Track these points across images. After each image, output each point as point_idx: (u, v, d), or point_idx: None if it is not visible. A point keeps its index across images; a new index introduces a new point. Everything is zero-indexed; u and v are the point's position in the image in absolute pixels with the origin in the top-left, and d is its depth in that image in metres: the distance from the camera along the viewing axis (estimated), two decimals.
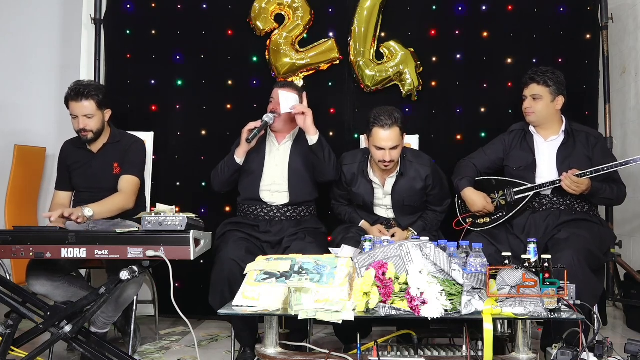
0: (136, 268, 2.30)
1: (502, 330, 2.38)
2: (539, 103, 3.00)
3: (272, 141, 3.19)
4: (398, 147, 2.92)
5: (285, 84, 3.23)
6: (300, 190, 3.10)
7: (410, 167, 3.05)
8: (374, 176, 3.09)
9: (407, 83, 3.62)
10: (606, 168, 2.80)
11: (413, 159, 3.08)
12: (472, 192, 3.04)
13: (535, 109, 3.01)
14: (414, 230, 3.04)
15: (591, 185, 2.82)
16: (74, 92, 2.92)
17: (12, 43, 4.24)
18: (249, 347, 2.82)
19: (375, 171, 3.09)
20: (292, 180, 3.09)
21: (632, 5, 3.90)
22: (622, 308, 3.67)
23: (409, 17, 3.68)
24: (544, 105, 3.00)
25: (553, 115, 3.03)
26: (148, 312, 3.62)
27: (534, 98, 3.01)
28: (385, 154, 2.90)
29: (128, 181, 2.98)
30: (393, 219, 3.11)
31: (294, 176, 3.09)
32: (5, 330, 2.37)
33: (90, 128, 2.95)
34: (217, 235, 3.00)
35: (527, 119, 3.07)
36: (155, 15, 3.77)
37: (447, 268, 2.20)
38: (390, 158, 2.91)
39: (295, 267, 2.30)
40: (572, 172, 2.83)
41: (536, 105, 3.01)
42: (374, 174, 3.09)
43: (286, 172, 3.10)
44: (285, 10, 3.69)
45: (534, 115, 3.03)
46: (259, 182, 3.10)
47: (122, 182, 2.98)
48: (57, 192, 3.10)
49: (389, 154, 2.90)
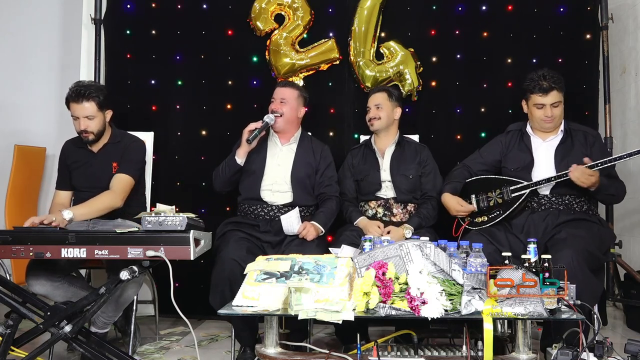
0: (136, 268, 2.30)
1: (502, 330, 2.38)
2: (558, 109, 2.97)
3: (274, 141, 3.20)
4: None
5: (287, 83, 3.26)
6: (302, 197, 3.13)
7: (409, 145, 3.30)
8: (375, 146, 3.29)
9: (407, 83, 3.62)
10: (618, 158, 2.76)
11: (411, 141, 3.35)
12: (448, 197, 3.08)
13: (555, 115, 2.96)
14: (410, 226, 3.05)
15: (599, 182, 2.80)
16: (74, 93, 2.91)
17: (12, 43, 4.24)
18: (249, 347, 2.82)
19: (376, 143, 3.30)
20: (294, 185, 3.11)
21: (632, 5, 3.90)
22: (622, 308, 3.67)
23: (409, 17, 3.69)
24: (561, 110, 2.99)
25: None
26: (148, 312, 3.63)
27: (555, 106, 2.95)
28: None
29: (120, 180, 2.96)
30: (392, 198, 3.16)
31: (296, 182, 3.12)
32: (5, 330, 2.37)
33: (91, 129, 2.95)
34: (217, 235, 2.99)
35: (545, 126, 2.99)
36: (155, 15, 3.77)
37: (447, 268, 2.20)
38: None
39: (295, 267, 2.30)
40: (585, 163, 2.79)
41: (556, 111, 2.96)
42: (375, 145, 3.30)
43: (289, 174, 3.12)
44: (285, 10, 3.70)
45: (553, 122, 2.98)
46: (260, 182, 3.11)
47: (114, 180, 2.95)
48: (57, 191, 3.10)
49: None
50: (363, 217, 3.13)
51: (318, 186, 3.18)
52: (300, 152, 3.18)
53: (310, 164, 3.17)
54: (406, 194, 3.18)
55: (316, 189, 3.18)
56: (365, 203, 3.22)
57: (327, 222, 3.07)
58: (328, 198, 3.15)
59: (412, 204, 3.19)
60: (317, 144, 3.28)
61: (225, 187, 3.16)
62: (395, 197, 3.17)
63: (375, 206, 3.19)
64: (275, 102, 3.16)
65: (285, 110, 3.14)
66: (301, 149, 3.19)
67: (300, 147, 3.20)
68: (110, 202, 2.85)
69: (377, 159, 3.26)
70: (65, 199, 3.08)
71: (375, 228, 3.03)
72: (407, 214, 3.17)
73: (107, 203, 2.84)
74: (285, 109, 3.14)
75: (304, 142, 3.22)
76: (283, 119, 3.13)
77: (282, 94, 3.17)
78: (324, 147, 3.28)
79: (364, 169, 3.25)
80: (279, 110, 3.12)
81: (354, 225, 3.11)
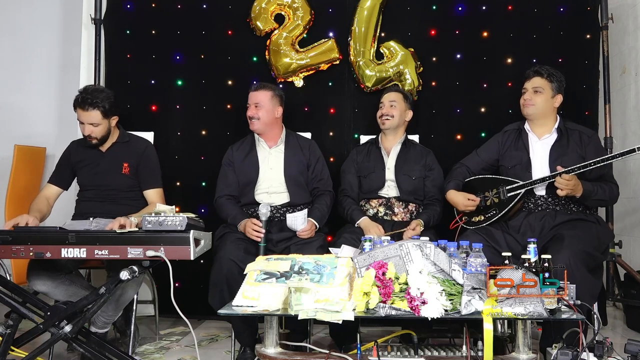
0: (136, 268, 2.30)
1: (502, 330, 2.38)
2: (540, 96, 3.00)
3: (262, 146, 3.22)
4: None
5: (259, 86, 3.22)
6: (298, 195, 3.14)
7: (414, 147, 3.34)
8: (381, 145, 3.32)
9: (407, 83, 3.62)
10: (593, 163, 2.76)
11: (416, 144, 3.40)
12: (454, 193, 3.08)
13: (535, 101, 3.00)
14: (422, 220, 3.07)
15: (583, 188, 2.80)
16: (81, 99, 2.93)
17: (13, 43, 4.25)
18: (249, 347, 2.82)
19: (382, 142, 3.32)
20: (289, 185, 3.13)
21: (632, 5, 3.90)
22: (622, 308, 3.67)
23: (409, 17, 3.69)
24: (544, 99, 3.00)
25: (550, 112, 3.03)
26: (148, 312, 3.62)
27: (536, 91, 3.01)
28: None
29: (155, 194, 3.06)
30: (394, 197, 3.17)
31: (290, 182, 3.13)
32: (5, 330, 2.37)
33: (95, 135, 2.98)
34: (217, 236, 3.00)
35: (524, 110, 3.05)
36: (155, 15, 3.77)
37: (447, 268, 2.20)
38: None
39: (295, 267, 2.30)
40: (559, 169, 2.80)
41: (536, 97, 3.00)
42: (381, 143, 3.32)
43: (282, 176, 3.14)
44: (285, 10, 3.69)
45: (532, 108, 3.02)
46: (256, 188, 3.13)
47: (151, 196, 3.04)
48: (48, 184, 3.10)
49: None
50: (365, 217, 3.12)
51: (311, 182, 3.20)
52: (289, 152, 3.20)
53: (301, 162, 3.19)
54: (408, 195, 3.19)
55: (309, 185, 3.19)
56: (366, 202, 3.22)
57: (323, 218, 3.10)
58: (321, 193, 3.18)
59: (413, 204, 3.19)
60: (304, 140, 3.31)
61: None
62: (398, 197, 3.18)
63: (377, 205, 3.19)
64: (250, 108, 3.16)
65: (261, 114, 3.13)
66: (289, 149, 3.21)
67: (287, 147, 3.21)
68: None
69: (382, 157, 3.26)
70: (54, 195, 3.08)
71: (375, 230, 3.02)
72: (409, 213, 3.18)
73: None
74: (260, 113, 3.13)
75: (290, 141, 3.24)
76: (261, 122, 3.14)
77: (255, 98, 3.16)
78: (311, 143, 3.31)
79: (368, 166, 3.26)
80: (255, 115, 3.13)
81: (354, 226, 3.11)
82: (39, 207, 2.92)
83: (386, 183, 3.21)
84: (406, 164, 3.23)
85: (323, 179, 3.22)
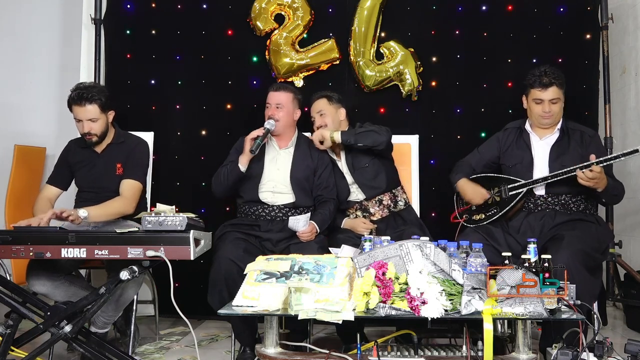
0: (136, 268, 2.30)
1: (502, 330, 2.37)
2: (557, 106, 2.95)
3: (272, 145, 3.19)
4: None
5: (280, 86, 3.23)
6: (302, 198, 3.13)
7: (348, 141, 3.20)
8: (332, 153, 3.28)
9: (407, 83, 3.62)
10: (621, 155, 2.72)
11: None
12: (465, 182, 3.08)
13: (553, 112, 2.94)
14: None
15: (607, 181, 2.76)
16: (77, 96, 2.89)
17: (12, 43, 4.24)
18: (248, 347, 2.82)
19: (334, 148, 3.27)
20: (295, 187, 3.11)
21: (632, 5, 3.90)
22: (622, 308, 3.67)
23: (409, 17, 3.69)
24: (560, 107, 2.97)
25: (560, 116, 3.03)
26: (148, 312, 3.62)
27: (553, 102, 2.93)
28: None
29: (130, 186, 2.96)
30: (365, 199, 3.17)
31: (296, 185, 3.12)
32: (5, 330, 2.37)
33: (94, 132, 2.94)
34: (216, 236, 2.99)
35: (543, 121, 2.97)
36: (155, 15, 3.77)
37: (447, 268, 2.20)
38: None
39: (295, 267, 2.30)
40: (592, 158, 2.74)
41: (554, 108, 2.94)
42: (332, 153, 3.28)
43: (288, 178, 3.12)
44: (285, 10, 3.69)
45: (551, 119, 2.96)
46: (260, 185, 3.11)
47: (124, 186, 2.96)
48: (47, 185, 3.09)
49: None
50: (346, 218, 3.17)
51: (316, 188, 3.17)
52: (298, 155, 3.18)
53: (308, 167, 3.17)
54: (371, 189, 3.16)
55: (314, 191, 3.18)
56: (346, 210, 3.23)
57: (324, 223, 3.07)
58: (326, 200, 3.15)
59: (385, 194, 3.17)
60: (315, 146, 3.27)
61: (226, 194, 3.15)
62: (365, 197, 3.17)
63: (354, 211, 3.20)
64: (270, 108, 3.14)
65: (281, 115, 3.11)
66: (299, 152, 3.19)
67: (297, 150, 3.19)
68: (122, 209, 2.88)
69: (338, 166, 3.24)
70: (54, 195, 3.07)
71: (361, 224, 3.07)
72: (385, 209, 3.16)
73: (119, 209, 2.86)
74: (281, 114, 3.12)
75: (301, 144, 3.22)
76: (280, 124, 3.12)
77: (278, 99, 3.14)
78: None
79: (337, 179, 3.22)
80: (276, 116, 3.11)
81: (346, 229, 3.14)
82: (42, 209, 2.90)
83: (350, 188, 3.20)
84: (355, 158, 3.18)
85: (328, 186, 3.17)
